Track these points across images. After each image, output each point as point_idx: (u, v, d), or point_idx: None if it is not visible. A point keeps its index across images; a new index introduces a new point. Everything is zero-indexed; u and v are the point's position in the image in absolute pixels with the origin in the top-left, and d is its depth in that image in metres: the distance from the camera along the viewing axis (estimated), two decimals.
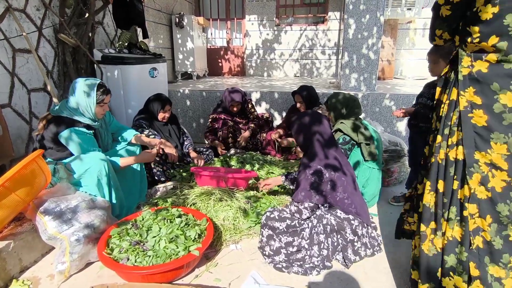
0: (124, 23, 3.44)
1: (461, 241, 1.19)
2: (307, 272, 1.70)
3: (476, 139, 1.15)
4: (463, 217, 1.18)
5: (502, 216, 1.12)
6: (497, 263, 1.13)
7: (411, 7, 4.98)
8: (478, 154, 1.15)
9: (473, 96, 1.14)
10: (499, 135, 1.10)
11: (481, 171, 1.14)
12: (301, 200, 1.73)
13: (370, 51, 3.78)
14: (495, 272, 1.14)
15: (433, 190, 1.29)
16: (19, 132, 2.59)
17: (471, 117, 1.15)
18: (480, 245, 1.16)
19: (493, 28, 1.04)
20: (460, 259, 1.20)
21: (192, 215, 1.94)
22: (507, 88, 1.07)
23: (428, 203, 1.30)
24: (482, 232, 1.15)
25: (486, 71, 1.10)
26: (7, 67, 2.48)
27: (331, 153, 1.81)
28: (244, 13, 6.45)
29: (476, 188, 1.15)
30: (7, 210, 1.58)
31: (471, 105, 1.15)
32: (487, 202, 1.14)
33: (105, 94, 2.06)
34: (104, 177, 1.98)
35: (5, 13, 2.43)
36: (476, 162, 1.15)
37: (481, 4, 1.04)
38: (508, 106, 1.07)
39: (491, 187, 1.12)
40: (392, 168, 2.83)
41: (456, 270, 1.21)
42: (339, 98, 2.50)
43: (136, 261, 1.57)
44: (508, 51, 1.04)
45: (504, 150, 1.10)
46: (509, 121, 1.08)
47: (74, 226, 1.73)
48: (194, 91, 4.11)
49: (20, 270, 1.73)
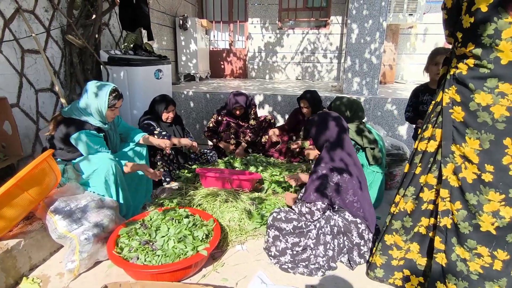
0: (130, 25, 3.47)
1: (410, 213, 1.47)
2: (312, 273, 1.74)
3: (453, 132, 1.28)
4: (418, 197, 1.42)
5: (470, 205, 1.26)
6: (463, 246, 1.30)
7: (412, 12, 5.04)
8: (454, 146, 1.28)
9: (455, 94, 1.28)
10: (473, 131, 1.23)
11: (455, 162, 1.28)
12: (313, 200, 1.75)
13: (372, 55, 3.83)
14: (461, 253, 1.31)
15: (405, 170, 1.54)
16: (26, 131, 2.62)
17: (451, 112, 1.28)
18: (448, 226, 1.33)
19: (469, 36, 1.17)
20: (404, 226, 1.49)
21: (199, 215, 1.97)
22: (481, 89, 1.19)
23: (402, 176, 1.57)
24: (451, 215, 1.32)
25: (465, 73, 1.23)
26: (16, 68, 2.51)
27: (343, 155, 1.84)
28: (247, 16, 6.50)
29: (449, 176, 1.30)
30: (19, 209, 1.61)
31: (452, 102, 1.28)
32: (457, 189, 1.29)
33: (117, 99, 2.08)
34: (111, 177, 2.01)
35: (15, 14, 2.46)
36: (451, 153, 1.29)
37: (463, 13, 1.17)
38: (481, 105, 1.19)
39: (462, 177, 1.27)
40: (394, 172, 2.87)
41: (398, 232, 1.51)
42: (343, 101, 2.54)
43: (146, 260, 1.60)
44: (482, 57, 1.15)
45: (476, 145, 1.22)
46: (482, 119, 1.20)
47: (83, 226, 1.76)
48: (198, 93, 4.15)
49: (30, 268, 1.76)
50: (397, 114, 3.78)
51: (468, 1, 1.14)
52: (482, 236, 1.25)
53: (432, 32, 5.90)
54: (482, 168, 1.22)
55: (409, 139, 3.82)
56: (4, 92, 2.38)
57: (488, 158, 1.20)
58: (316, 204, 1.76)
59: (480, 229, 1.25)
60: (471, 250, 1.28)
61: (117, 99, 2.11)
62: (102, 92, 2.05)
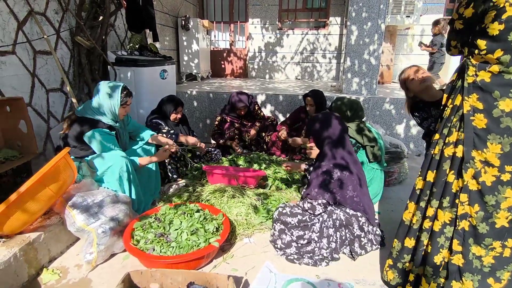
0: (137, 26, 3.56)
1: (449, 223, 1.40)
2: (316, 263, 1.85)
3: (475, 139, 1.30)
4: (454, 205, 1.37)
5: (488, 205, 1.30)
6: (480, 245, 1.33)
7: (410, 14, 5.17)
8: (475, 152, 1.31)
9: (476, 102, 1.30)
10: (495, 136, 1.26)
11: (475, 167, 1.31)
12: (315, 197, 1.87)
13: (371, 56, 3.94)
14: (477, 251, 1.34)
15: (422, 177, 1.50)
16: (38, 130, 2.70)
17: (473, 119, 1.31)
18: (466, 228, 1.35)
19: (498, 43, 1.20)
20: (447, 236, 1.41)
21: (208, 210, 2.07)
22: (506, 95, 1.23)
23: (416, 184, 1.54)
24: (469, 218, 1.34)
25: (489, 81, 1.26)
26: (29, 68, 2.60)
27: (343, 153, 1.95)
28: (247, 17, 6.59)
29: (469, 181, 1.32)
30: (41, 203, 1.70)
31: (473, 110, 1.31)
32: (476, 193, 1.32)
33: (128, 96, 2.19)
34: (125, 174, 2.10)
35: (27, 17, 2.54)
36: (472, 159, 1.31)
37: (489, 21, 1.20)
38: (505, 111, 1.24)
39: (482, 181, 1.30)
40: (392, 169, 2.99)
41: (444, 246, 1.42)
42: (344, 101, 2.65)
43: (161, 251, 1.70)
44: (509, 63, 1.20)
45: (498, 149, 1.27)
46: (505, 124, 1.25)
47: (100, 220, 1.85)
48: (201, 93, 4.24)
49: (49, 260, 1.85)
50: (395, 113, 3.90)
51: (496, 10, 1.18)
52: (497, 232, 1.30)
53: (428, 33, 6.02)
54: (502, 170, 1.26)
55: (406, 137, 3.95)
56: (18, 92, 2.47)
57: (509, 160, 1.26)
58: (318, 200, 1.87)
59: (495, 226, 1.30)
60: (487, 247, 1.32)
61: (128, 96, 2.24)
62: (114, 90, 2.16)
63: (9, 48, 2.40)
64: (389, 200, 2.71)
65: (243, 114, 3.49)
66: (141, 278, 1.48)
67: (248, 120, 3.60)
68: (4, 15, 2.35)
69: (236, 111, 3.47)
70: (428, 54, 5.17)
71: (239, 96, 3.39)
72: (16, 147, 2.29)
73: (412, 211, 1.55)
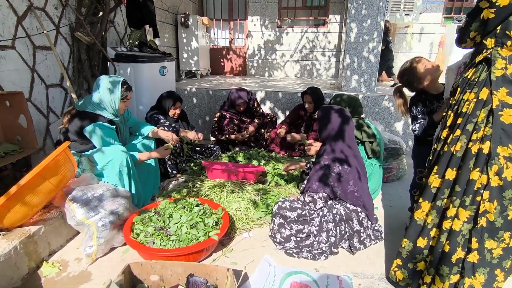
0: (137, 23, 3.55)
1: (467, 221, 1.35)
2: (315, 257, 1.86)
3: (501, 135, 1.25)
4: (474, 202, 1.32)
5: (505, 199, 1.27)
6: (493, 238, 1.31)
7: (409, 12, 5.19)
8: (500, 148, 1.26)
9: (506, 96, 1.24)
10: None
11: (499, 163, 1.26)
12: (316, 190, 1.88)
13: (370, 54, 3.95)
14: (489, 245, 1.32)
15: (438, 175, 1.42)
16: (37, 125, 2.70)
17: (501, 114, 1.25)
18: (484, 224, 1.31)
19: None
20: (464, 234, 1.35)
21: (208, 205, 2.08)
22: None
23: (431, 183, 1.44)
24: (487, 214, 1.30)
25: None
26: (28, 63, 2.59)
27: (343, 147, 1.96)
28: (247, 14, 6.59)
29: (492, 178, 1.28)
30: (41, 197, 1.71)
31: (502, 104, 1.25)
32: (497, 189, 1.28)
33: (128, 90, 2.20)
34: (125, 168, 2.11)
35: (27, 11, 2.54)
36: (497, 155, 1.26)
37: None
38: None
39: (504, 177, 1.26)
40: (390, 165, 3.01)
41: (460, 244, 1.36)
42: (343, 98, 2.66)
43: (161, 245, 1.71)
44: None
45: None
46: None
47: (100, 213, 1.86)
48: (200, 89, 4.24)
49: (49, 253, 1.86)
50: (393, 111, 3.91)
51: None
52: (508, 223, 1.29)
53: (427, 31, 6.04)
54: None
55: (405, 134, 3.97)
56: (18, 87, 2.47)
57: None
58: (318, 193, 1.88)
59: (508, 218, 1.28)
60: (499, 239, 1.31)
61: (129, 91, 2.25)
62: (114, 85, 2.17)
63: (8, 42, 2.40)
64: (387, 196, 2.73)
65: (243, 110, 3.50)
66: (141, 270, 1.48)
67: (247, 116, 3.61)
68: (3, 9, 2.35)
69: (235, 107, 3.48)
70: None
71: (239, 93, 3.40)
72: (16, 141, 2.29)
73: (426, 210, 1.47)
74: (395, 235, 2.09)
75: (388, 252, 1.95)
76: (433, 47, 6.08)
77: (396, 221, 2.30)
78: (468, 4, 6.00)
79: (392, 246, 2.00)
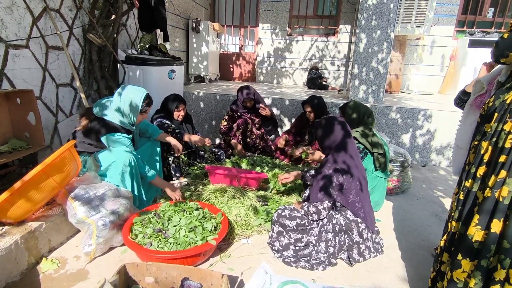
0: (148, 26, 3.62)
1: None
2: (313, 267, 1.84)
3: None
4: None
5: None
6: None
7: (420, 24, 5.16)
8: None
9: None
10: None
11: None
12: (320, 199, 1.85)
13: (379, 65, 3.94)
14: None
15: (481, 225, 1.17)
16: (46, 123, 2.76)
17: None
18: None
19: None
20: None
21: (208, 209, 2.08)
22: None
23: (472, 236, 1.19)
24: None
25: None
26: (41, 63, 2.66)
27: (347, 158, 1.94)
28: (258, 22, 6.65)
29: None
30: (44, 193, 1.74)
31: None
32: None
33: (149, 105, 2.23)
34: (127, 169, 2.12)
35: (43, 12, 2.61)
36: None
37: None
38: None
39: None
40: (395, 178, 2.97)
41: None
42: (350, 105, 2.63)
43: (158, 247, 1.71)
44: None
45: None
46: None
47: (101, 212, 1.88)
48: (208, 94, 4.28)
49: (49, 250, 1.88)
50: (401, 123, 3.87)
51: None
52: None
53: (439, 44, 6.00)
54: None
55: (412, 147, 3.92)
56: (29, 85, 2.53)
57: None
58: (323, 203, 1.86)
59: None
60: None
61: (149, 106, 2.26)
62: (137, 97, 2.16)
63: (23, 42, 2.47)
64: (390, 209, 2.69)
65: (250, 106, 3.55)
66: (137, 270, 1.49)
67: (254, 114, 3.64)
68: (20, 10, 2.42)
69: (245, 103, 3.54)
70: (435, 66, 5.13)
71: (245, 90, 3.51)
72: (24, 138, 2.34)
73: (468, 270, 1.21)
74: (395, 250, 2.06)
75: (388, 265, 1.91)
76: (445, 60, 6.02)
77: (398, 235, 2.26)
78: (481, 18, 5.95)
79: (392, 259, 1.96)
